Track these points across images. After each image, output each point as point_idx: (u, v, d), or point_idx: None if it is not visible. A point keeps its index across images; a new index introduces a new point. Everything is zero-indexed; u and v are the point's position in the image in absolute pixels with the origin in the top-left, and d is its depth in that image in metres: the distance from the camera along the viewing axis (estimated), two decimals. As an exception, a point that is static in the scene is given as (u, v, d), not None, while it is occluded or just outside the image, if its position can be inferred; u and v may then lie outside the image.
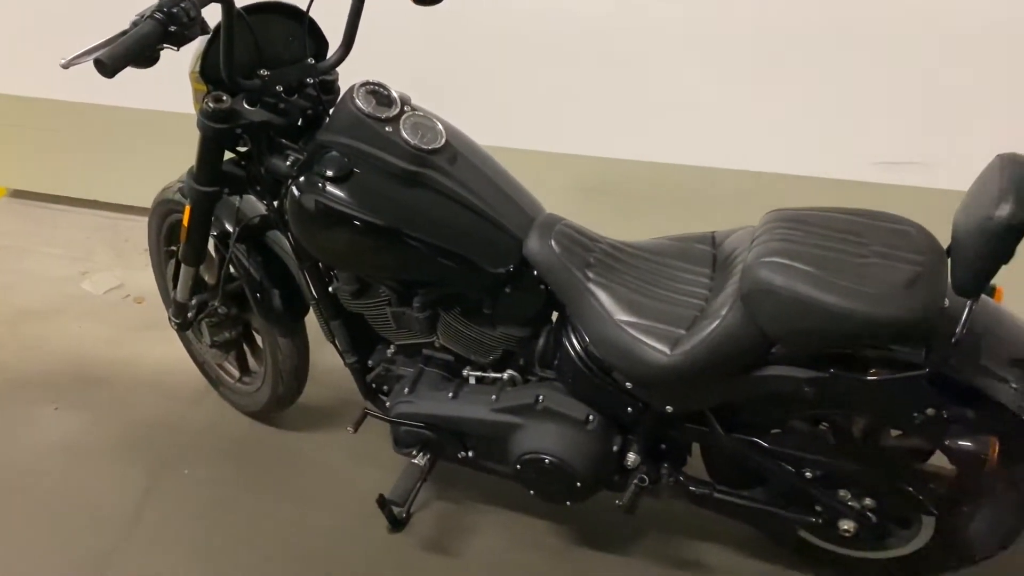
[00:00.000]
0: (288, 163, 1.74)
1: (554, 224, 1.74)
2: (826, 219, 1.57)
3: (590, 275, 1.69)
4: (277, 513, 2.14)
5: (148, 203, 2.28)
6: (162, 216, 2.29)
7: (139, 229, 3.30)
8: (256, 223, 2.01)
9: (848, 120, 2.55)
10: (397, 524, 2.04)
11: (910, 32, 2.38)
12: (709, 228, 1.85)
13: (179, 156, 2.10)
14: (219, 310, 2.17)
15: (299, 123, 1.79)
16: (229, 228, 2.03)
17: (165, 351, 2.70)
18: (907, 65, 2.42)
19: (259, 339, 2.32)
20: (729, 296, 1.55)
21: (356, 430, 1.99)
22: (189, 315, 2.18)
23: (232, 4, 1.50)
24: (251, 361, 2.42)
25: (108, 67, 1.31)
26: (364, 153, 1.67)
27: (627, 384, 1.69)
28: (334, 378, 2.34)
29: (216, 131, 1.70)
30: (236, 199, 1.97)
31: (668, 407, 1.67)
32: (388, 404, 2.00)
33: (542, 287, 1.77)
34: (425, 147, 1.68)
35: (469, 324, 1.83)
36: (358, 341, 2.04)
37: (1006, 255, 1.30)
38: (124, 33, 1.39)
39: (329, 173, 1.66)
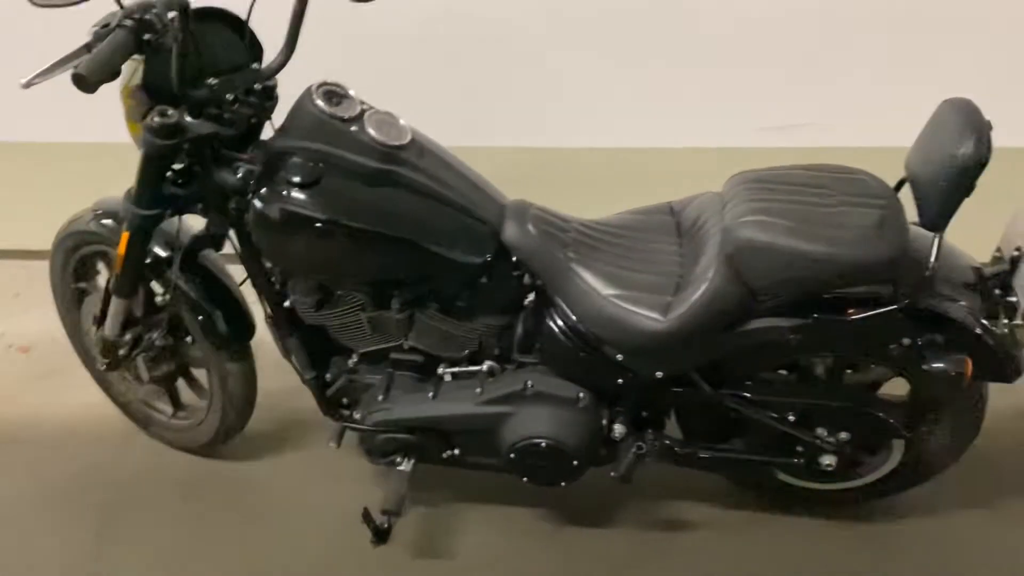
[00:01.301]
0: (239, 175, 1.66)
1: (526, 209, 1.76)
2: (787, 176, 1.67)
3: (570, 255, 1.71)
4: (247, 546, 2.03)
5: (12, 244, 2.08)
6: (69, 251, 2.11)
7: (6, 271, 3.03)
8: (193, 244, 1.89)
9: (734, 92, 2.71)
10: (382, 536, 1.99)
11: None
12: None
13: (44, 188, 1.93)
14: (157, 342, 2.02)
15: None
16: (161, 253, 1.90)
17: (71, 398, 2.47)
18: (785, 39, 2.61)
19: (195, 370, 2.19)
20: (712, 259, 1.62)
21: (339, 444, 1.92)
22: (121, 352, 2.02)
23: (188, 11, 1.41)
24: (186, 394, 2.27)
25: (89, 81, 1.20)
26: (331, 155, 1.61)
27: (618, 356, 1.72)
28: (271, 400, 2.23)
29: (163, 148, 1.59)
30: (176, 220, 1.85)
31: (658, 372, 1.73)
32: (358, 415, 1.94)
33: (515, 273, 1.78)
34: (393, 144, 1.65)
35: (447, 320, 1.81)
36: (315, 356, 1.97)
37: (969, 190, 1.45)
38: (88, 48, 1.27)
39: (296, 180, 1.59)
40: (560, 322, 1.76)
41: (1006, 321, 1.61)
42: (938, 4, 2.48)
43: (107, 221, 1.97)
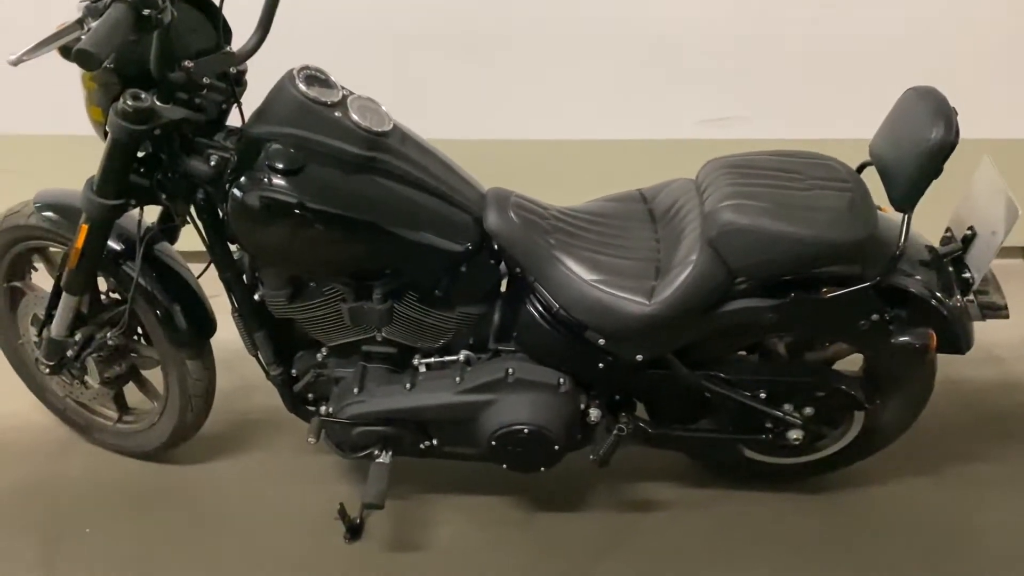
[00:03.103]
0: (212, 163, 1.59)
1: (508, 196, 1.76)
2: (760, 161, 1.74)
3: (552, 242, 1.73)
4: (212, 556, 1.94)
5: None
6: (3, 248, 1.97)
7: None
8: (149, 236, 1.81)
9: (671, 87, 2.79)
10: (356, 532, 1.96)
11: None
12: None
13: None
14: (110, 342, 1.91)
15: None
16: (116, 247, 1.81)
17: (-3, 408, 2.31)
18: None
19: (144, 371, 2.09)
20: (694, 242, 1.67)
21: (318, 438, 1.86)
22: (69, 353, 1.91)
23: None
24: (133, 396, 2.16)
25: (94, 56, 1.13)
26: (315, 142, 1.57)
27: (600, 341, 1.75)
28: (222, 400, 2.14)
29: (134, 134, 1.51)
30: (136, 212, 1.75)
31: (639, 356, 1.76)
32: (329, 409, 1.90)
33: (493, 261, 1.78)
34: (377, 130, 1.62)
35: (426, 309, 1.79)
36: (281, 351, 1.91)
37: (937, 172, 1.54)
38: (80, 24, 1.19)
39: (279, 167, 1.55)
40: (541, 309, 1.77)
41: (959, 296, 1.72)
42: (867, 3, 2.63)
43: (50, 214, 1.86)
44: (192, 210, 1.70)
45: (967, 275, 1.71)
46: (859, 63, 2.69)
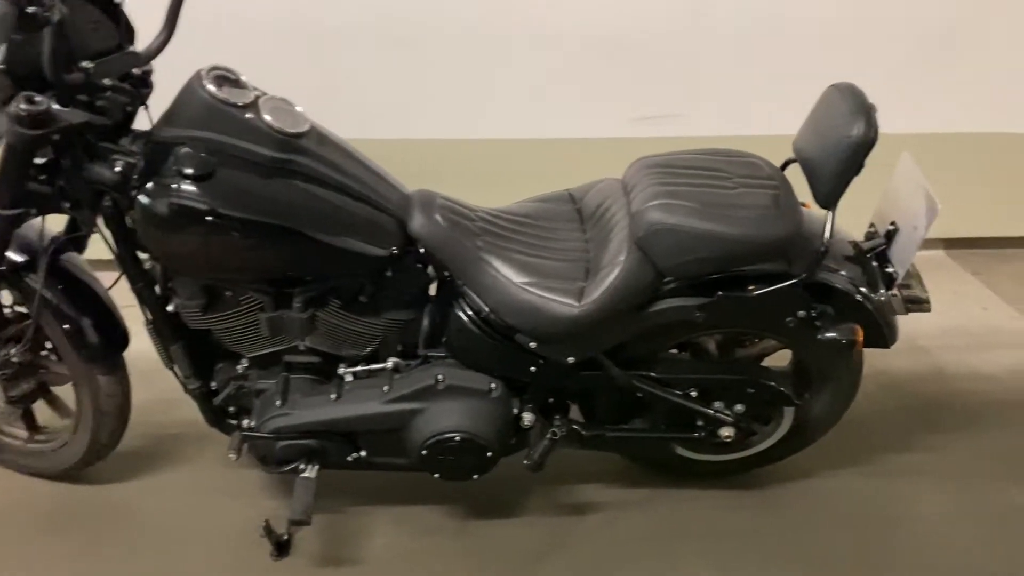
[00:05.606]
0: (118, 169, 1.51)
1: (433, 199, 1.71)
2: (686, 160, 1.73)
3: (480, 245, 1.69)
4: (133, 576, 1.86)
5: None
6: None
7: None
8: (55, 247, 1.71)
9: (604, 84, 2.79)
10: (283, 548, 1.88)
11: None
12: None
13: None
14: (14, 359, 1.81)
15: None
16: (17, 258, 1.71)
17: None
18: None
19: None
20: (622, 242, 1.65)
21: (239, 455, 1.79)
22: (-30, 372, 1.80)
23: None
24: (43, 414, 2.05)
25: None
26: (226, 145, 1.50)
27: (531, 344, 1.72)
28: (139, 415, 2.05)
29: (31, 139, 1.42)
30: (35, 221, 1.66)
31: (570, 358, 1.74)
32: (252, 423, 1.83)
33: (419, 265, 1.74)
34: (291, 131, 1.56)
35: (351, 317, 1.73)
36: (199, 363, 1.83)
37: (858, 168, 1.55)
38: None
39: (188, 172, 1.47)
40: (470, 313, 1.73)
41: (883, 291, 1.73)
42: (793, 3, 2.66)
43: None
44: (99, 218, 1.61)
45: (891, 270, 1.73)
46: (789, 59, 2.72)
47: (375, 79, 2.64)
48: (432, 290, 1.81)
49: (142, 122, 1.60)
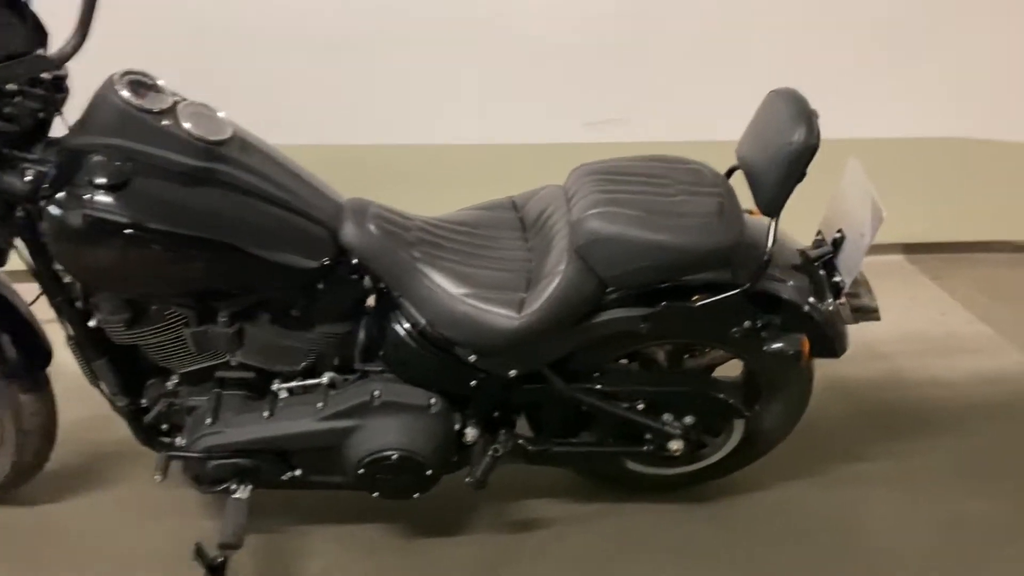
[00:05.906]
0: (28, 179, 1.44)
1: (366, 208, 1.65)
2: (627, 167, 1.68)
3: (416, 255, 1.63)
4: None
5: None
6: None
7: None
8: None
9: (550, 89, 2.74)
10: (217, 572, 1.81)
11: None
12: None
13: None
14: (-70, 378, 1.72)
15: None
16: (-71, 273, 1.62)
17: None
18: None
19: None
20: (562, 252, 1.60)
21: (165, 475, 1.71)
22: None
23: None
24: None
25: None
26: (141, 153, 1.43)
27: (470, 357, 1.66)
28: (68, 433, 1.96)
29: None
30: None
31: (512, 371, 1.68)
32: (183, 441, 1.75)
33: (355, 276, 1.67)
34: (212, 139, 1.49)
35: (282, 331, 1.66)
36: (127, 380, 1.76)
37: (801, 175, 1.51)
38: None
39: (100, 182, 1.40)
40: (407, 326, 1.67)
41: (831, 300, 1.69)
42: (742, 6, 2.63)
43: None
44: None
45: (838, 279, 1.69)
46: (735, 64, 2.69)
47: (317, 84, 2.56)
48: (371, 302, 1.75)
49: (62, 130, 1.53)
